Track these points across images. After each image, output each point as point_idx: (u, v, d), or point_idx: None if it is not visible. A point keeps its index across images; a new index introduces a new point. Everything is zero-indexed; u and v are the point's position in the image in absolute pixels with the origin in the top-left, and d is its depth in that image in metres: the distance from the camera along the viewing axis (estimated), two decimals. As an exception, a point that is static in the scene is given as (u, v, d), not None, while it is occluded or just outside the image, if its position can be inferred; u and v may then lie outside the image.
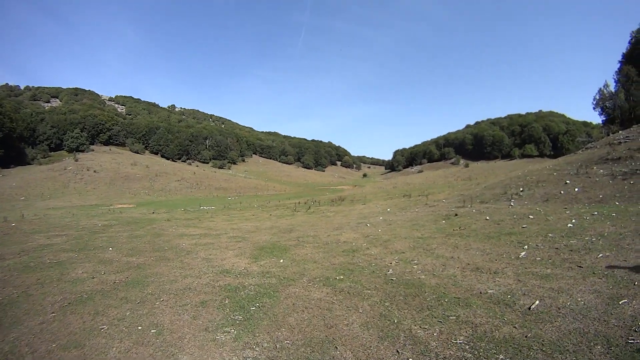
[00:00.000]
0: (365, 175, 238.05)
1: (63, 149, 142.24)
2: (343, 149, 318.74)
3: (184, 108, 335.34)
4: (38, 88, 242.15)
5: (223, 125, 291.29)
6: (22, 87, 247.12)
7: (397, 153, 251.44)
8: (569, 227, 13.62)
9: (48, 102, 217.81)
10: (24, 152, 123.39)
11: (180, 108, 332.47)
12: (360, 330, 6.97)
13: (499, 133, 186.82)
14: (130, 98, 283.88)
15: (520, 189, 26.11)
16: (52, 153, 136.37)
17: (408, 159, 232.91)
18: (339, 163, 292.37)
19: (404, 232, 17.58)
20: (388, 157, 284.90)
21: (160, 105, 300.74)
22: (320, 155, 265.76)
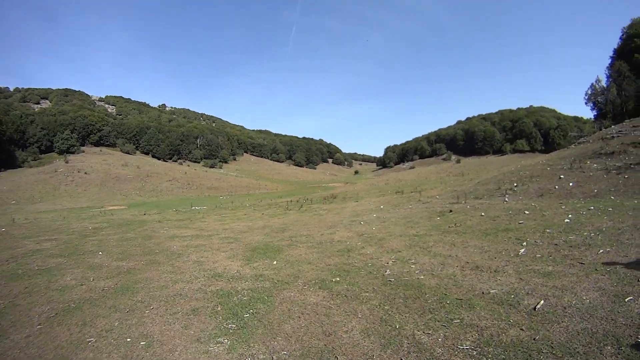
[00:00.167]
0: (357, 172, 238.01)
1: (54, 151, 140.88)
2: (334, 147, 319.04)
3: (175, 107, 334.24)
4: (28, 89, 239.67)
5: (214, 124, 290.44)
6: (11, 88, 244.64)
7: (388, 150, 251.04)
8: (566, 222, 13.47)
9: (38, 103, 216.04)
10: (14, 154, 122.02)
11: (171, 107, 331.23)
12: (361, 338, 6.64)
13: (490, 128, 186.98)
14: (121, 98, 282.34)
15: (514, 184, 26.07)
16: (42, 155, 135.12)
17: (399, 156, 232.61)
18: (331, 160, 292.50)
19: (399, 229, 17.28)
20: (379, 153, 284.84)
21: (151, 105, 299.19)
22: (312, 153, 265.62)
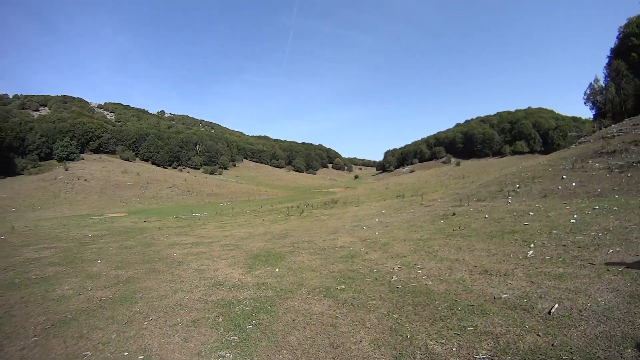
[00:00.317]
0: (357, 177, 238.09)
1: (53, 158, 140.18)
2: (334, 151, 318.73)
3: (174, 114, 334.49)
4: (27, 96, 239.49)
5: (213, 131, 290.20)
6: (10, 95, 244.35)
7: (388, 154, 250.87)
8: (572, 222, 13.26)
9: (37, 110, 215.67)
10: (14, 162, 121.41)
11: (170, 114, 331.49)
12: (371, 349, 6.32)
13: (489, 131, 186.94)
14: (120, 105, 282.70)
15: (517, 186, 25.84)
16: (42, 162, 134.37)
17: (399, 160, 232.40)
18: (330, 165, 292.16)
19: (402, 234, 17.03)
20: (379, 158, 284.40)
21: (150, 112, 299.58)
22: (311, 158, 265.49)
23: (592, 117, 77.66)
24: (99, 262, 16.48)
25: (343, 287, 9.88)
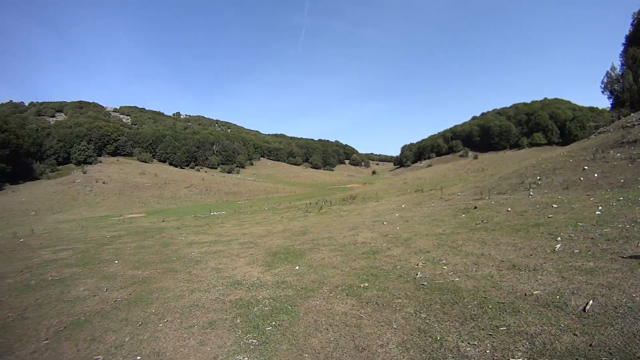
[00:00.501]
0: (375, 173, 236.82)
1: (71, 162, 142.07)
2: (350, 147, 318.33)
3: (189, 115, 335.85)
4: (42, 103, 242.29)
5: (229, 130, 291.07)
6: (26, 103, 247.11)
7: (404, 148, 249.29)
8: (598, 214, 12.91)
9: (53, 116, 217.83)
10: (32, 167, 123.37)
11: (186, 115, 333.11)
12: (399, 352, 5.95)
13: (506, 123, 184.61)
14: (135, 108, 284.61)
15: (538, 178, 25.39)
16: (60, 167, 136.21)
17: (416, 154, 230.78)
18: (347, 161, 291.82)
19: (424, 228, 16.68)
20: (396, 153, 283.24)
21: (165, 114, 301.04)
22: (328, 155, 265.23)
23: (609, 106, 76.20)
24: (116, 262, 16.38)
25: (366, 284, 9.51)
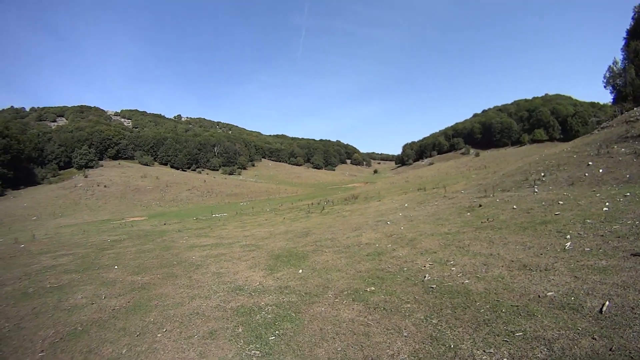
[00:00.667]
0: (376, 172, 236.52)
1: (72, 167, 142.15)
2: (352, 147, 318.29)
3: (190, 117, 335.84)
4: (43, 108, 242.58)
5: (230, 132, 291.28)
6: (27, 108, 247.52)
7: (406, 147, 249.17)
8: (605, 211, 12.63)
9: (54, 121, 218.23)
10: (34, 172, 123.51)
11: (187, 117, 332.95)
12: (411, 363, 5.60)
13: (507, 120, 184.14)
14: (136, 111, 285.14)
15: (542, 174, 25.14)
16: (61, 171, 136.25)
17: (418, 152, 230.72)
18: (349, 161, 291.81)
19: (429, 228, 16.35)
20: (397, 151, 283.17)
21: (166, 116, 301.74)
22: (330, 155, 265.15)
23: (611, 101, 75.93)
24: (116, 267, 16.13)
25: (373, 288, 9.18)
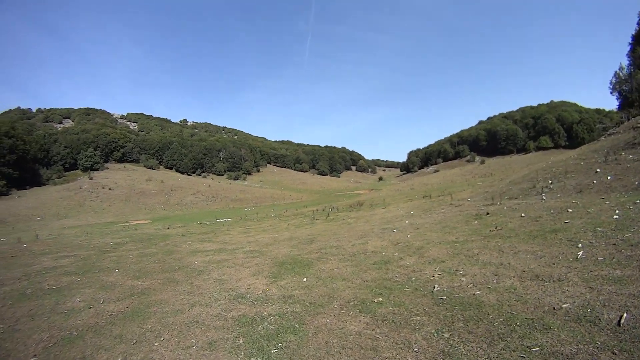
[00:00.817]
0: (381, 179, 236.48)
1: (77, 168, 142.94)
2: (357, 154, 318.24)
3: (196, 122, 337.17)
4: (50, 110, 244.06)
5: (236, 137, 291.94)
6: (34, 109, 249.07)
7: (411, 154, 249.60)
8: (616, 219, 12.30)
9: (60, 123, 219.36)
10: (39, 173, 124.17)
11: (192, 122, 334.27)
12: (423, 382, 5.26)
13: (513, 127, 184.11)
14: (142, 115, 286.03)
15: (549, 182, 24.87)
16: (66, 173, 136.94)
17: (423, 160, 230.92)
18: (354, 168, 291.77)
19: (436, 236, 16.00)
20: (402, 158, 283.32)
21: (172, 121, 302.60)
22: (335, 161, 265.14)
23: (616, 108, 75.80)
24: (117, 271, 15.89)
25: (380, 299, 8.82)
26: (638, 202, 14.15)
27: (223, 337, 7.66)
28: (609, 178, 20.49)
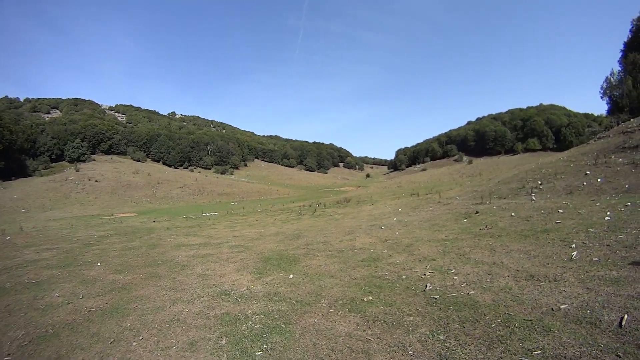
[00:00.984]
0: (369, 176, 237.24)
1: (64, 160, 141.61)
2: (345, 150, 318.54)
3: (185, 115, 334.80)
4: (38, 99, 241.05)
5: (224, 131, 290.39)
6: (21, 99, 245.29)
7: (399, 152, 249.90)
8: (607, 220, 12.31)
9: (48, 113, 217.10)
10: (25, 163, 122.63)
11: (181, 115, 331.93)
12: (419, 389, 4.96)
13: (501, 128, 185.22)
14: (130, 106, 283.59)
15: (539, 182, 24.96)
16: (53, 164, 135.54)
17: (411, 158, 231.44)
18: (342, 164, 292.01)
19: (425, 234, 15.81)
20: (390, 156, 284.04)
21: (161, 113, 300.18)
22: (323, 157, 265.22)
23: (605, 112, 76.77)
24: (99, 265, 15.46)
25: (370, 298, 8.52)
26: (629, 204, 14.21)
27: (205, 337, 7.29)
28: (599, 180, 20.66)
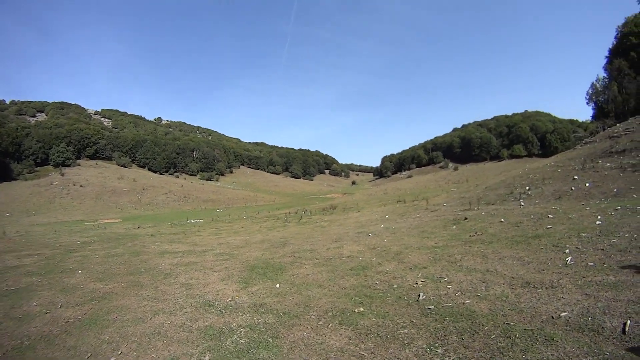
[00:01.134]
0: (354, 183, 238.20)
1: (49, 164, 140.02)
2: (331, 158, 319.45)
3: (171, 120, 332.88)
4: (24, 102, 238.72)
5: (210, 137, 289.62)
6: (7, 101, 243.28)
7: (385, 159, 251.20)
8: (599, 224, 12.21)
9: (34, 116, 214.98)
10: (9, 167, 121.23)
11: (167, 120, 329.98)
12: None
13: (487, 135, 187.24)
14: (117, 111, 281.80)
15: (527, 188, 25.03)
16: (38, 168, 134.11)
17: (396, 165, 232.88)
18: (327, 171, 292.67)
19: (414, 241, 15.52)
20: (376, 163, 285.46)
21: (147, 118, 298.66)
22: (309, 165, 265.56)
23: (590, 118, 78.23)
24: (80, 272, 15.04)
25: (361, 309, 8.16)
26: (619, 208, 14.19)
27: (187, 352, 6.87)
28: (588, 185, 20.74)
